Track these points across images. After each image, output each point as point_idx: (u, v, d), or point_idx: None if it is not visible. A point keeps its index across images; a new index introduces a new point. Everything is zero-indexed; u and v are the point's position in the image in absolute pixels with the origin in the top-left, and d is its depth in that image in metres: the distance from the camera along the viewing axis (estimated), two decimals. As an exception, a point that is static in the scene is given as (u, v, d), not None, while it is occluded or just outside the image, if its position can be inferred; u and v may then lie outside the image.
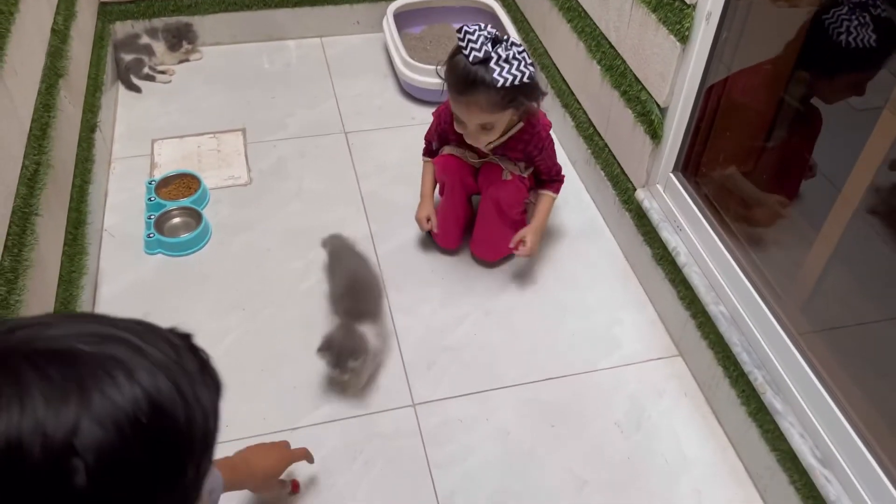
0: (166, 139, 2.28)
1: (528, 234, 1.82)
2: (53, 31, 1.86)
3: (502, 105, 1.58)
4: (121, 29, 2.54)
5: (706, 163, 1.70)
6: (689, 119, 1.64)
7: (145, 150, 2.24)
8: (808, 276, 1.57)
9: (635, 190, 1.85)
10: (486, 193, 1.84)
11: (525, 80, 1.55)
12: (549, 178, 1.86)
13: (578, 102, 2.14)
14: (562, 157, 2.27)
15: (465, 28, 1.55)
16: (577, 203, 2.15)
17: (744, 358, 1.47)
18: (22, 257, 1.38)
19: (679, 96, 1.62)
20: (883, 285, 1.51)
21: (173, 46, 2.54)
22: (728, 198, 1.68)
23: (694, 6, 1.50)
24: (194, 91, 2.48)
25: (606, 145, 1.99)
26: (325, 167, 2.22)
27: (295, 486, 1.45)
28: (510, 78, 1.53)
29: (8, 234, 1.35)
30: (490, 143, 1.72)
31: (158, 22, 2.55)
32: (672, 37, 1.57)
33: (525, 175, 1.81)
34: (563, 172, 1.87)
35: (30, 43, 1.67)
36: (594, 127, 2.06)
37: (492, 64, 1.53)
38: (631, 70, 1.79)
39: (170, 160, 2.20)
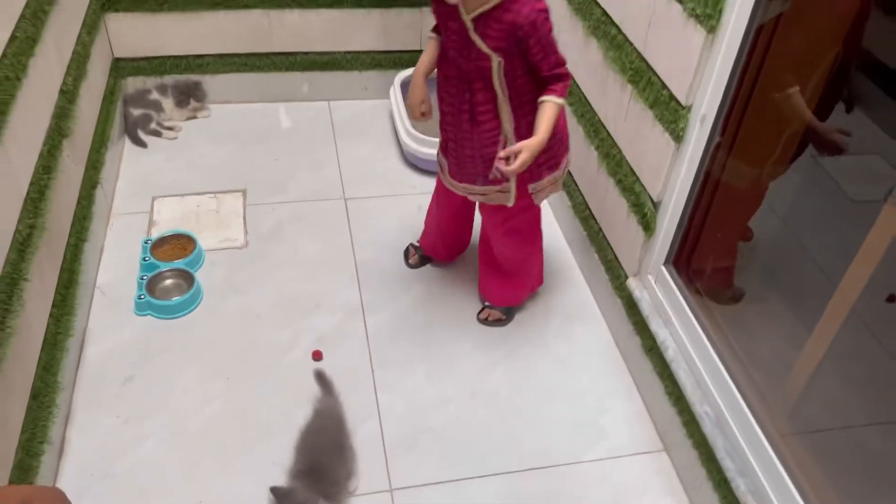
0: (167, 197, 2.30)
1: (522, 149, 1.53)
2: (62, 91, 1.90)
3: None
4: (132, 84, 2.59)
5: (698, 259, 1.70)
6: (682, 215, 1.64)
7: (145, 206, 2.26)
8: (798, 379, 1.56)
9: (627, 278, 1.85)
10: (485, 239, 1.83)
11: None
12: (550, 74, 1.54)
13: (576, 184, 2.15)
14: (558, 236, 2.29)
15: None
16: (570, 282, 2.15)
17: (727, 464, 1.45)
18: (6, 325, 1.38)
19: (672, 192, 1.63)
20: (872, 388, 1.49)
21: (182, 103, 2.59)
22: (718, 294, 1.68)
23: (689, 108, 1.52)
24: (199, 148, 2.51)
25: (601, 230, 2.00)
26: (321, 233, 2.23)
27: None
28: None
29: (-7, 302, 1.35)
30: (471, 11, 1.48)
31: (169, 79, 2.60)
32: (667, 135, 1.59)
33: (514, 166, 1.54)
34: (566, 67, 1.55)
35: (35, 106, 1.70)
36: (590, 210, 2.07)
37: None
38: (627, 161, 1.80)
39: (168, 219, 2.22)
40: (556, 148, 1.68)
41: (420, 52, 2.65)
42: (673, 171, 1.61)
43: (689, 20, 1.47)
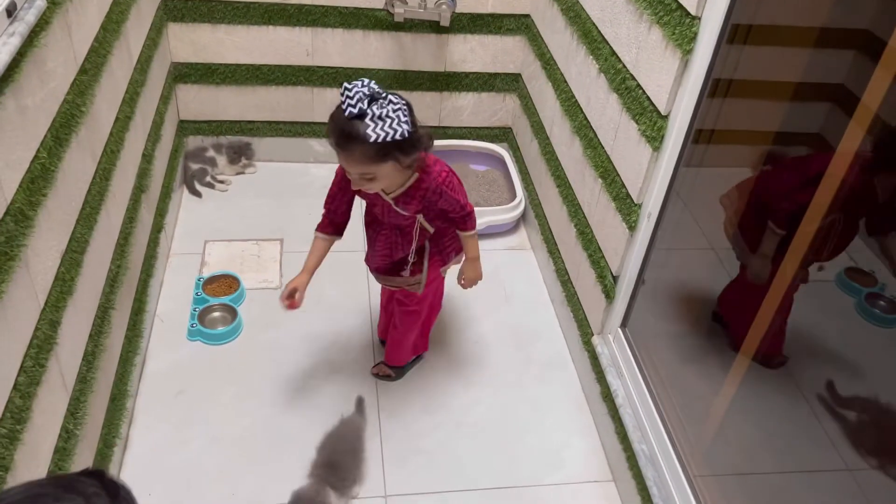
0: (217, 241, 2.74)
1: (464, 270, 2.05)
2: (143, 155, 2.35)
3: (377, 159, 1.63)
4: (192, 142, 3.06)
5: (644, 323, 2.09)
6: (635, 287, 2.04)
7: (198, 248, 2.70)
8: (716, 425, 1.93)
9: (593, 335, 2.24)
10: (390, 309, 2.22)
11: (397, 137, 1.59)
12: (459, 217, 1.92)
13: (559, 252, 2.55)
14: (544, 294, 2.68)
15: (346, 84, 1.60)
16: (550, 335, 2.54)
17: (654, 492, 1.82)
18: (100, 342, 1.81)
19: (627, 268, 2.02)
20: (780, 439, 1.85)
21: (233, 160, 3.04)
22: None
23: (640, 205, 1.93)
24: (246, 201, 2.96)
25: (576, 293, 2.39)
26: (343, 280, 2.64)
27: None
28: (382, 134, 1.58)
29: (93, 324, 1.77)
30: (389, 193, 1.81)
31: (224, 139, 3.07)
32: (624, 224, 1.99)
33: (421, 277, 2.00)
34: (469, 205, 1.92)
35: (127, 170, 2.15)
36: (568, 275, 2.46)
37: (367, 120, 1.58)
38: (596, 239, 2.20)
39: (217, 260, 2.65)
40: (454, 243, 2.06)
41: (437, 127, 3.11)
42: (628, 253, 2.01)
43: (641, 138, 1.88)
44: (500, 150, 3.13)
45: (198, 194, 2.96)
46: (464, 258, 2.07)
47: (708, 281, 2.14)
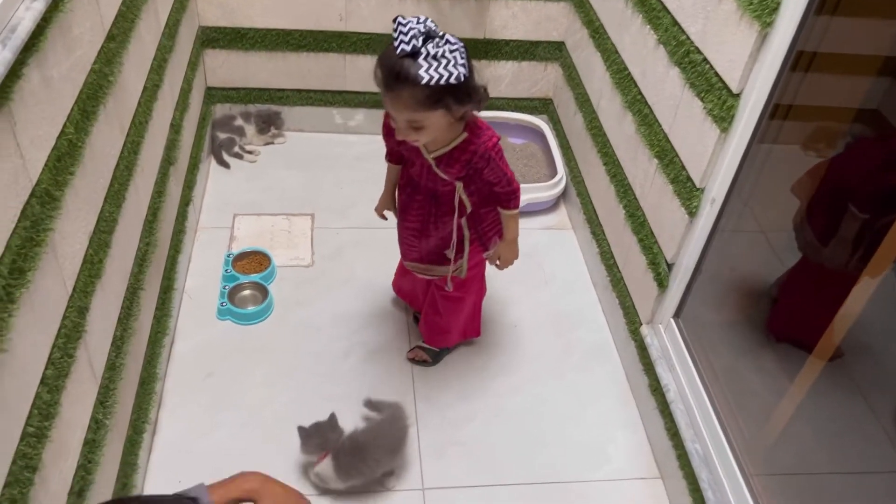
0: (246, 215, 2.64)
1: (500, 251, 1.91)
2: (172, 125, 2.24)
3: (427, 104, 1.50)
4: (220, 110, 2.94)
5: (702, 315, 1.97)
6: (692, 277, 1.91)
7: (227, 222, 2.61)
8: (775, 424, 1.82)
9: (641, 325, 2.12)
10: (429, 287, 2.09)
11: (452, 80, 1.45)
12: (504, 192, 1.79)
13: (604, 234, 2.43)
14: (585, 277, 2.57)
15: (400, 19, 1.47)
16: (592, 322, 2.42)
17: (709, 496, 1.72)
18: (128, 326, 1.72)
19: (684, 256, 1.90)
20: (840, 438, 1.74)
21: (262, 130, 2.93)
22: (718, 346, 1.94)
23: (702, 190, 1.79)
24: (275, 173, 2.85)
25: (622, 278, 2.27)
26: (377, 258, 2.53)
27: None
28: (436, 77, 1.44)
29: (121, 307, 1.69)
30: (432, 152, 1.69)
31: (252, 108, 2.95)
32: (683, 209, 1.86)
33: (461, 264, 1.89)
34: (516, 182, 1.78)
35: (156, 142, 2.04)
36: (614, 259, 2.34)
37: (420, 59, 1.44)
38: (648, 223, 2.07)
39: (246, 235, 2.56)
40: (496, 227, 1.91)
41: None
42: (686, 240, 1.88)
43: (707, 118, 1.74)
44: (539, 122, 2.99)
45: (226, 165, 2.85)
46: (504, 240, 1.93)
47: (770, 270, 2.00)
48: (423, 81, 1.44)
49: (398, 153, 1.86)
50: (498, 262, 1.95)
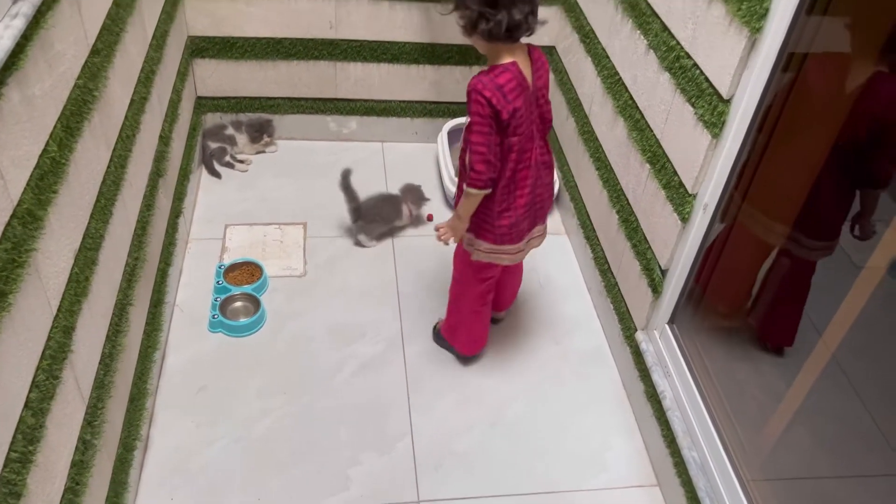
0: (238, 225, 2.62)
1: (444, 224, 1.91)
2: (160, 137, 2.22)
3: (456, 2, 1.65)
4: (210, 119, 2.92)
5: (693, 319, 1.95)
6: (685, 283, 1.90)
7: (219, 233, 2.59)
8: (772, 429, 1.80)
9: (636, 330, 2.10)
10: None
11: None
12: (463, 156, 1.79)
13: (598, 239, 2.41)
14: (580, 283, 2.55)
15: None
16: (588, 327, 2.41)
17: (706, 503, 1.70)
18: (117, 342, 1.70)
19: (678, 263, 1.88)
20: (837, 443, 1.73)
21: (254, 139, 2.91)
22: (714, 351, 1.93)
23: (694, 196, 1.78)
24: (267, 182, 2.83)
25: (617, 284, 2.26)
26: (370, 268, 2.52)
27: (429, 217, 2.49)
28: None
29: (109, 324, 1.67)
30: None
31: (243, 116, 2.93)
32: (675, 215, 1.85)
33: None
34: (479, 163, 1.68)
35: (144, 155, 2.02)
36: (608, 264, 2.33)
37: None
38: (642, 229, 2.06)
39: (238, 246, 2.54)
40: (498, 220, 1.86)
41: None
42: (679, 246, 1.86)
43: (699, 124, 1.73)
44: (532, 127, 2.97)
45: (217, 175, 2.84)
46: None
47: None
48: None
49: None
50: (440, 231, 1.92)
